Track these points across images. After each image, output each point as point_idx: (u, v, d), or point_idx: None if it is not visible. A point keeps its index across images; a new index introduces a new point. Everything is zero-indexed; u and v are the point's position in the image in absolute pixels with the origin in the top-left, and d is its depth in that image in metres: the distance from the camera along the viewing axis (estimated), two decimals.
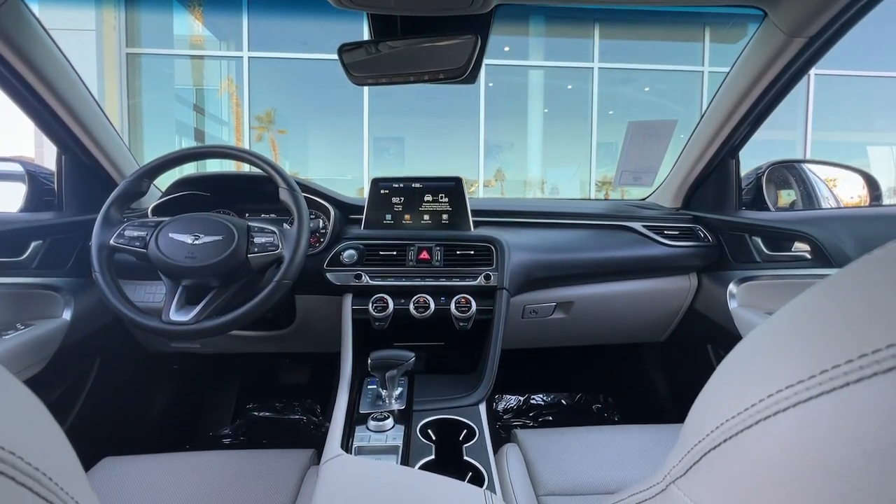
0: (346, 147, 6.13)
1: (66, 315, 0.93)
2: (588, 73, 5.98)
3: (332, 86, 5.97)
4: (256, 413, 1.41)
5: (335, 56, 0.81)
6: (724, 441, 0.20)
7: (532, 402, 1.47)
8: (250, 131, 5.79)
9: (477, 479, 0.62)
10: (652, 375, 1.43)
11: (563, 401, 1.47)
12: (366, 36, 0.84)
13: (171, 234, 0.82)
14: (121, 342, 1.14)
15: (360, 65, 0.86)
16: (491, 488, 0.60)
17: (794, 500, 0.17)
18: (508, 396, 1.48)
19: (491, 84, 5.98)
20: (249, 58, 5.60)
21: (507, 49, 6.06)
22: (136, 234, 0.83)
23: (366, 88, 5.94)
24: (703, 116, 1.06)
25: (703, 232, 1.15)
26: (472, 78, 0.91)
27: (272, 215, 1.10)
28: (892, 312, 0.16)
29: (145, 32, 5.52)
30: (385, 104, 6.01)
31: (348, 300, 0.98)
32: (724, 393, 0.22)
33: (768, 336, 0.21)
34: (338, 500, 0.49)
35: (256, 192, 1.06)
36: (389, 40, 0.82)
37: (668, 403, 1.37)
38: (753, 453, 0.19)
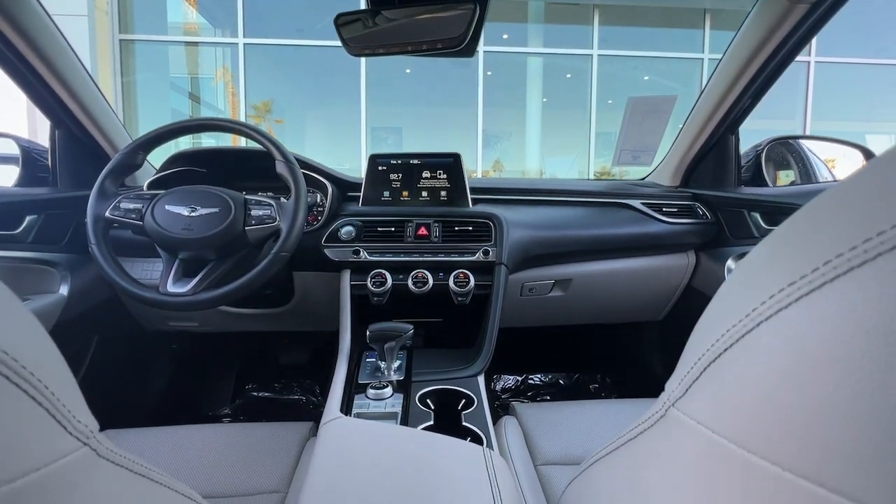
0: (343, 137, 6.09)
1: (63, 290, 0.92)
2: (587, 60, 5.93)
3: (329, 74, 5.91)
4: (256, 393, 1.41)
5: (331, 43, 0.80)
6: (725, 350, 0.20)
7: (530, 381, 1.48)
8: (246, 120, 5.74)
9: (476, 443, 0.62)
10: (649, 354, 1.44)
11: (560, 380, 1.48)
12: (363, 6, 0.83)
13: (167, 207, 0.81)
14: (119, 320, 1.14)
15: (357, 35, 0.85)
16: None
17: (799, 395, 0.17)
18: (506, 376, 1.49)
19: (490, 73, 5.93)
20: (245, 44, 5.53)
21: (505, 37, 6.01)
22: (131, 206, 0.82)
23: (363, 77, 5.89)
24: (702, 92, 1.05)
25: (701, 209, 1.15)
26: (470, 50, 0.89)
27: (269, 193, 1.09)
28: (892, 198, 0.16)
29: (139, 18, 5.44)
30: (383, 93, 5.96)
31: (346, 276, 0.98)
32: (723, 309, 0.22)
33: (768, 246, 0.21)
34: (337, 458, 0.49)
35: (253, 169, 1.05)
36: (387, 10, 0.81)
37: (666, 382, 1.38)
38: (756, 357, 0.19)
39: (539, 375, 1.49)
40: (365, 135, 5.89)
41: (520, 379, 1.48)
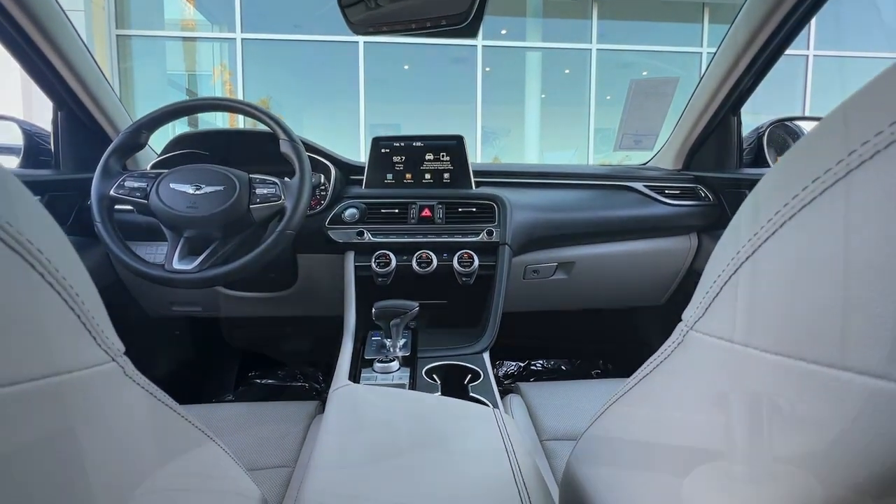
0: (342, 133, 6.08)
1: None
2: (586, 54, 5.93)
3: (327, 70, 5.89)
4: (259, 380, 1.41)
5: (328, 38, 0.80)
6: (747, 259, 0.21)
7: (532, 367, 1.48)
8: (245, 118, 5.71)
9: None
10: (651, 340, 1.44)
11: (562, 366, 1.49)
12: None
13: (171, 185, 0.81)
14: (122, 305, 1.14)
15: (361, 14, 0.84)
16: None
17: (826, 288, 0.17)
18: (509, 362, 1.49)
19: (488, 69, 5.92)
20: (243, 39, 5.51)
21: (504, 32, 6.00)
22: (136, 185, 0.82)
23: (361, 73, 5.87)
24: (704, 73, 1.06)
25: (703, 191, 1.15)
26: (473, 29, 0.89)
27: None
28: None
29: (135, 14, 5.41)
30: (381, 90, 5.95)
31: (350, 257, 0.98)
32: (743, 222, 0.22)
33: (788, 156, 0.21)
34: (348, 420, 0.49)
35: (257, 152, 1.04)
36: None
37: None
38: (780, 258, 0.19)
39: (541, 361, 1.50)
40: (364, 131, 5.88)
41: (522, 365, 1.49)
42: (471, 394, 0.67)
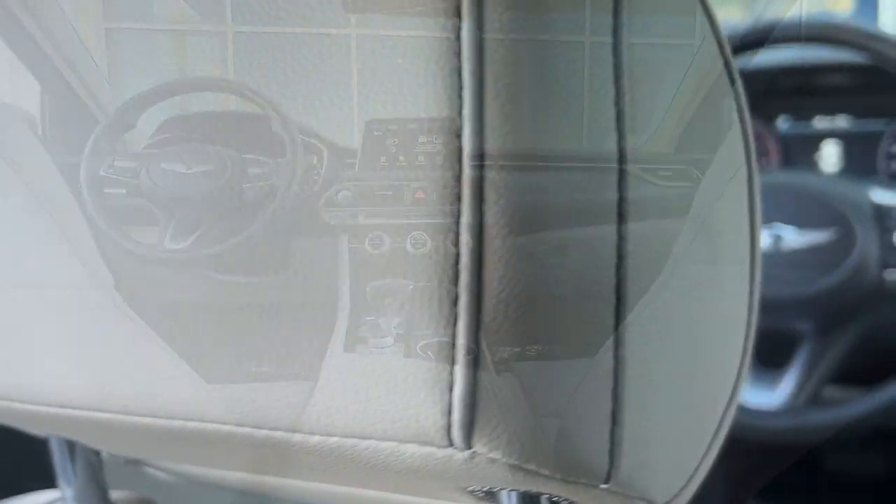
0: (335, 128, 6.07)
1: None
2: (580, 47, 5.96)
3: (320, 64, 5.88)
4: (254, 368, 1.42)
5: (321, 31, 0.80)
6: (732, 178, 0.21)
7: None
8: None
9: None
10: None
11: None
12: None
13: (162, 164, 0.81)
14: None
15: None
16: None
17: None
18: None
19: None
20: (235, 33, 5.48)
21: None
22: (126, 165, 0.82)
23: (355, 67, 5.86)
24: (697, 52, 1.06)
25: (696, 173, 1.16)
26: None
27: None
28: None
29: (125, 6, 5.36)
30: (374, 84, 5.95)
31: (344, 239, 0.99)
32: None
33: None
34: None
35: (248, 133, 1.04)
36: None
37: None
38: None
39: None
40: (357, 124, 5.88)
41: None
42: None
